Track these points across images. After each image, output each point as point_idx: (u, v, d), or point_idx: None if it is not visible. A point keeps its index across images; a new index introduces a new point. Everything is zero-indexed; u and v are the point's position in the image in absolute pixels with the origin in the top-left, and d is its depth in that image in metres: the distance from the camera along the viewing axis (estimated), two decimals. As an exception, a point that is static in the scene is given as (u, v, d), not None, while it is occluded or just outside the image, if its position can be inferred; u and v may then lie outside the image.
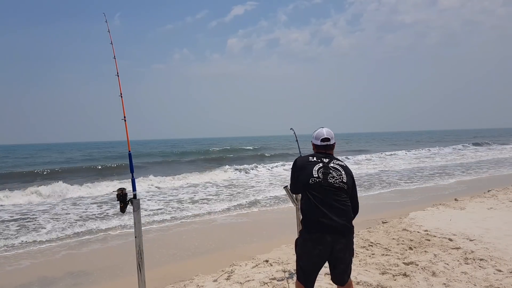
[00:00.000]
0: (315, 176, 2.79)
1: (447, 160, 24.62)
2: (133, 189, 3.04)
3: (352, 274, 2.88)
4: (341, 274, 2.77)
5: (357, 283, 4.00)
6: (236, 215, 9.45)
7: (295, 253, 2.89)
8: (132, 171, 3.16)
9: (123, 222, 8.62)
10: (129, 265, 5.49)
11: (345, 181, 2.80)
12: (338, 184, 2.76)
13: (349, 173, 2.89)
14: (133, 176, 3.14)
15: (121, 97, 3.35)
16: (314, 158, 2.92)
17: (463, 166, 20.03)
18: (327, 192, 2.72)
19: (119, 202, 2.94)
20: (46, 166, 26.40)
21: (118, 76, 3.38)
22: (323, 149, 3.01)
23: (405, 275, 4.23)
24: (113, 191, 13.34)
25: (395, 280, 4.13)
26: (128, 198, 2.98)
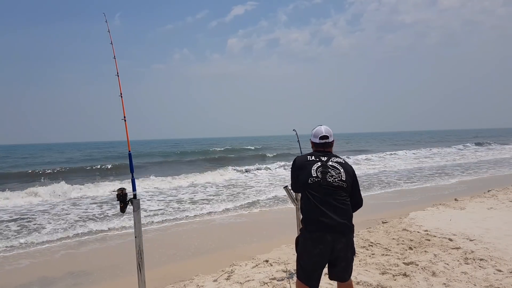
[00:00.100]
0: (314, 175, 2.79)
1: (447, 160, 24.62)
2: (133, 189, 3.04)
3: (352, 274, 2.88)
4: (341, 272, 2.77)
5: (357, 283, 4.00)
6: (236, 215, 9.45)
7: (295, 253, 2.89)
8: (132, 171, 3.16)
9: (123, 222, 8.62)
10: (129, 265, 5.49)
11: (344, 179, 2.79)
12: (337, 183, 2.76)
13: (349, 170, 2.87)
14: (133, 176, 3.14)
15: (121, 97, 3.35)
16: (313, 157, 2.92)
17: (463, 166, 20.04)
18: (326, 192, 2.72)
19: (119, 202, 2.94)
20: (46, 166, 26.38)
21: (118, 76, 3.39)
22: (322, 147, 3.01)
23: (405, 275, 4.23)
24: (113, 191, 13.34)
25: (395, 280, 4.13)
26: (128, 198, 2.98)
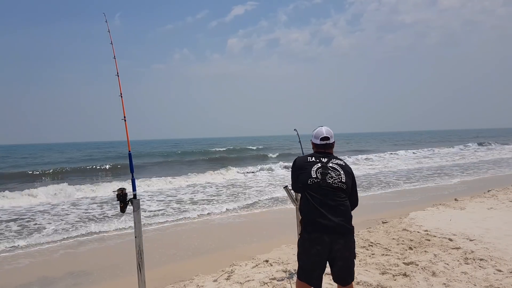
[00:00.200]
0: (313, 176, 2.79)
1: (447, 160, 24.61)
2: (133, 189, 3.05)
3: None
4: (341, 271, 2.74)
5: (357, 283, 4.00)
6: (236, 215, 9.45)
7: (296, 253, 2.89)
8: (132, 171, 3.17)
9: (123, 222, 8.62)
10: (129, 265, 5.48)
11: (344, 181, 2.79)
12: (336, 184, 2.76)
13: (348, 172, 2.88)
14: (133, 176, 3.15)
15: (121, 97, 3.36)
16: (313, 158, 2.92)
17: (463, 166, 20.03)
18: (325, 193, 2.72)
19: (119, 202, 2.95)
20: (46, 166, 26.40)
21: (118, 76, 3.39)
22: (323, 148, 3.01)
23: (405, 275, 4.23)
24: (113, 191, 13.34)
25: (395, 280, 4.13)
26: (128, 198, 2.98)
